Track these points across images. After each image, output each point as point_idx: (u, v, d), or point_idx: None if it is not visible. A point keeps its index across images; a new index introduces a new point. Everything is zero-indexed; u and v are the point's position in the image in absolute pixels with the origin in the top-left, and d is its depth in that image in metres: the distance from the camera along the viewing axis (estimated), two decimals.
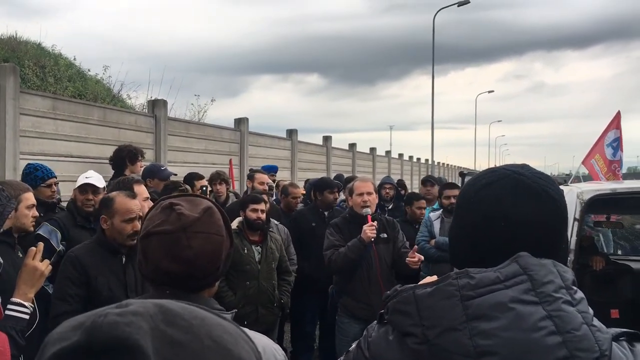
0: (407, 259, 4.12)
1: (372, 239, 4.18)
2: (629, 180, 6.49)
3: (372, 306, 4.18)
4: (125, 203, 2.96)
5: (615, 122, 7.55)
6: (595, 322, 0.99)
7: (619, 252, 6.72)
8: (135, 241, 2.68)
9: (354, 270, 4.30)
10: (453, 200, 5.32)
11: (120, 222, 2.92)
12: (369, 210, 4.32)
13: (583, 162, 7.70)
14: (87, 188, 4.01)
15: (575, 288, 1.02)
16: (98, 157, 6.79)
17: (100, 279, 2.85)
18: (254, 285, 4.47)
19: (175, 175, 5.91)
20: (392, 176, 10.87)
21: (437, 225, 5.41)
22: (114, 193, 3.08)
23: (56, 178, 4.46)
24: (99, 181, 4.09)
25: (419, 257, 4.13)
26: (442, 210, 5.54)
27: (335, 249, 4.32)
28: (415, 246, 4.37)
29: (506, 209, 1.08)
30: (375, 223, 4.25)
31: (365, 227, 4.18)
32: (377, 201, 4.55)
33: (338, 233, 4.43)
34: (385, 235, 4.39)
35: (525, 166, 1.16)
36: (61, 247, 3.76)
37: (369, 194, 4.38)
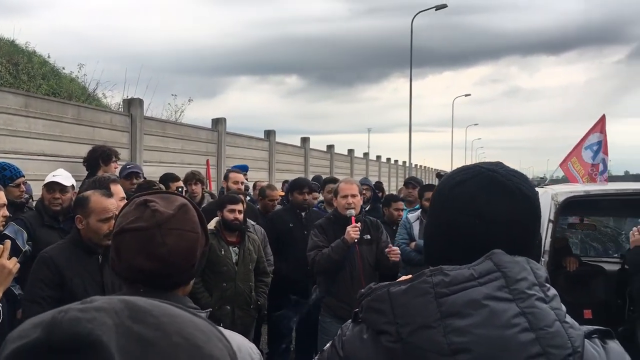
0: (386, 249, 4.23)
1: (356, 240, 4.21)
2: (604, 183, 6.59)
3: (353, 306, 4.18)
4: (101, 202, 2.91)
5: (600, 126, 7.55)
6: (568, 319, 1.00)
7: (591, 253, 6.82)
8: None
9: (337, 271, 4.33)
10: None
11: (96, 221, 2.86)
12: (352, 212, 4.34)
13: (560, 165, 7.73)
14: (55, 186, 3.93)
15: (548, 285, 1.02)
16: (72, 156, 6.68)
17: (76, 280, 2.79)
18: (231, 286, 4.44)
19: (139, 172, 5.82)
20: (370, 178, 10.91)
21: (416, 227, 5.38)
22: (89, 192, 3.01)
23: (24, 177, 4.37)
24: (67, 179, 4.01)
25: (395, 249, 4.27)
26: (420, 211, 5.52)
27: (319, 249, 4.34)
28: (391, 244, 4.42)
29: (480, 206, 1.08)
30: (358, 224, 4.28)
31: (348, 228, 4.21)
32: (361, 203, 4.56)
33: (322, 234, 4.45)
34: (369, 237, 4.42)
35: (499, 164, 1.16)
36: (27, 247, 3.68)
37: (354, 196, 4.40)
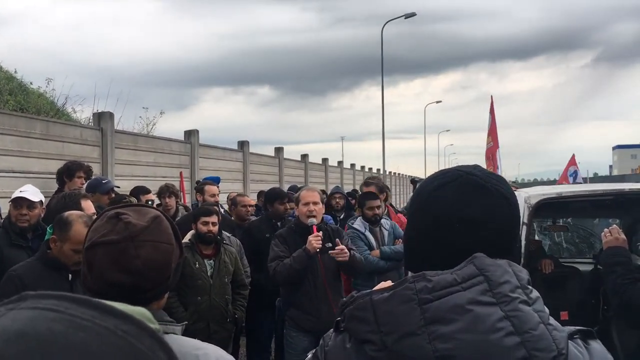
0: (330, 252, 4.14)
1: (317, 250, 4.11)
2: (576, 184, 6.71)
3: (319, 318, 4.13)
4: (82, 233, 2.80)
5: (490, 108, 8.32)
6: (552, 320, 0.99)
7: (565, 254, 6.91)
8: None
9: (299, 282, 4.24)
10: (377, 211, 5.17)
11: (70, 249, 2.75)
12: (314, 221, 4.25)
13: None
14: (22, 202, 3.81)
15: (530, 287, 1.01)
16: (41, 172, 6.54)
17: None
18: (206, 300, 4.38)
19: (118, 187, 5.76)
20: (345, 186, 10.93)
21: (370, 236, 5.15)
22: (74, 216, 2.86)
23: None
24: (35, 195, 3.89)
25: (342, 247, 4.15)
26: (362, 218, 5.26)
27: (280, 260, 4.23)
28: (337, 239, 4.27)
29: (460, 209, 1.07)
30: (320, 233, 4.19)
31: (310, 237, 4.12)
32: (323, 211, 4.47)
33: (283, 244, 4.34)
34: (331, 244, 4.30)
35: (477, 167, 1.15)
36: None
37: (315, 203, 4.32)
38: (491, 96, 8.46)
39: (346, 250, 4.17)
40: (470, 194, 1.08)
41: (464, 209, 1.07)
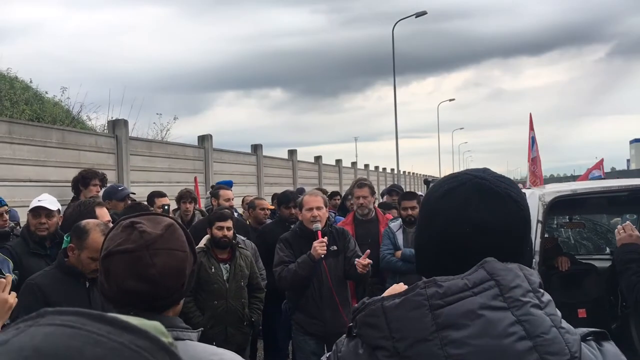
0: (356, 260, 4.09)
1: (322, 255, 4.08)
2: (590, 181, 6.63)
3: (325, 322, 4.14)
4: (99, 242, 2.83)
5: (530, 125, 8.20)
6: (564, 324, 0.98)
7: (581, 251, 6.84)
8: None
9: (304, 287, 4.23)
10: (411, 212, 5.22)
11: (87, 257, 2.77)
12: (319, 226, 4.21)
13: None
14: (41, 211, 3.85)
15: (542, 291, 1.01)
16: (58, 181, 6.63)
17: (64, 306, 2.73)
18: (222, 304, 4.40)
19: (134, 194, 5.85)
20: None
21: (400, 237, 5.23)
22: (91, 224, 2.88)
23: (7, 206, 4.32)
24: (53, 204, 3.93)
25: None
26: (401, 220, 5.37)
27: (285, 265, 4.21)
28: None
29: (470, 214, 1.07)
30: (325, 239, 4.15)
31: (315, 243, 4.08)
32: (327, 215, 4.43)
33: (288, 248, 4.32)
34: (335, 248, 4.29)
35: (486, 170, 1.15)
36: (14, 276, 3.61)
37: (319, 208, 4.27)
38: (530, 114, 8.38)
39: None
40: (479, 199, 1.08)
41: (473, 213, 1.07)
